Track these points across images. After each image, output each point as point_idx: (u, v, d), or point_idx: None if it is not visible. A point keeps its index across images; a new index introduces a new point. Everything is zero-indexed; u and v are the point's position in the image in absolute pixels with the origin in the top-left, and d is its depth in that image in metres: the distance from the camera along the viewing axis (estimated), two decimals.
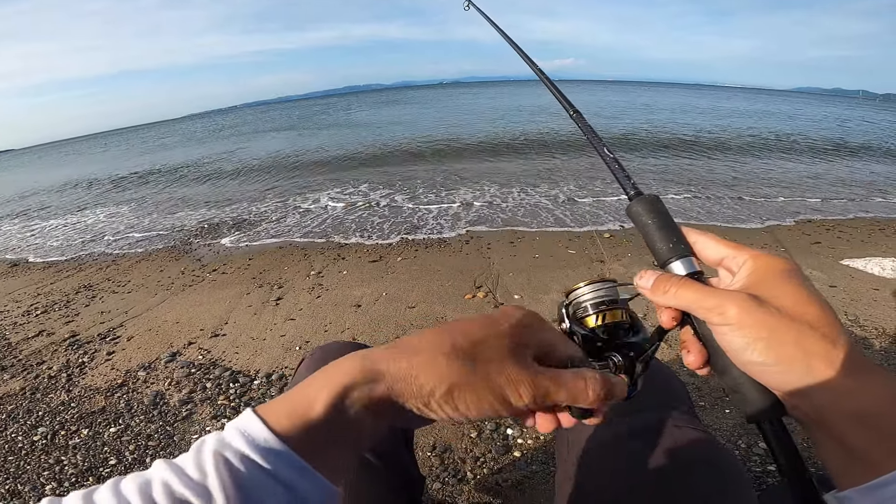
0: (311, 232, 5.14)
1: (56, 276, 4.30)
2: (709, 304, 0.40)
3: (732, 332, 0.39)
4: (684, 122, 16.11)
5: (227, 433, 0.36)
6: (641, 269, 0.48)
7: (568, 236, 4.34)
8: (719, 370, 0.43)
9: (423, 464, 1.70)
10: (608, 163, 0.57)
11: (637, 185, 0.53)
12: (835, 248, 3.89)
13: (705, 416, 1.87)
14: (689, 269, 0.46)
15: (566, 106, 0.68)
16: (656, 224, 0.48)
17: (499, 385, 0.39)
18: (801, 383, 0.36)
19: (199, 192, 8.33)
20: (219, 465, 0.34)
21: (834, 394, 0.35)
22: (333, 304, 3.10)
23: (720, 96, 46.86)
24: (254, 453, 0.35)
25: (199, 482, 0.33)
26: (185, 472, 0.34)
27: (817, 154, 9.88)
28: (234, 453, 0.35)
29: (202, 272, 4.03)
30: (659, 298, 0.45)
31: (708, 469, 0.68)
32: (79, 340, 2.87)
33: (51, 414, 2.14)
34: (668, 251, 0.47)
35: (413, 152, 10.58)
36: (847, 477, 0.35)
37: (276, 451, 0.35)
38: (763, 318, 0.37)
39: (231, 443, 0.35)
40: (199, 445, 0.36)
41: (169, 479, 0.33)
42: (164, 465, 0.35)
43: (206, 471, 0.34)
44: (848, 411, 0.34)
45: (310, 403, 0.37)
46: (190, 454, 0.36)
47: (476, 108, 25.10)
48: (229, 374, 2.32)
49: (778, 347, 0.37)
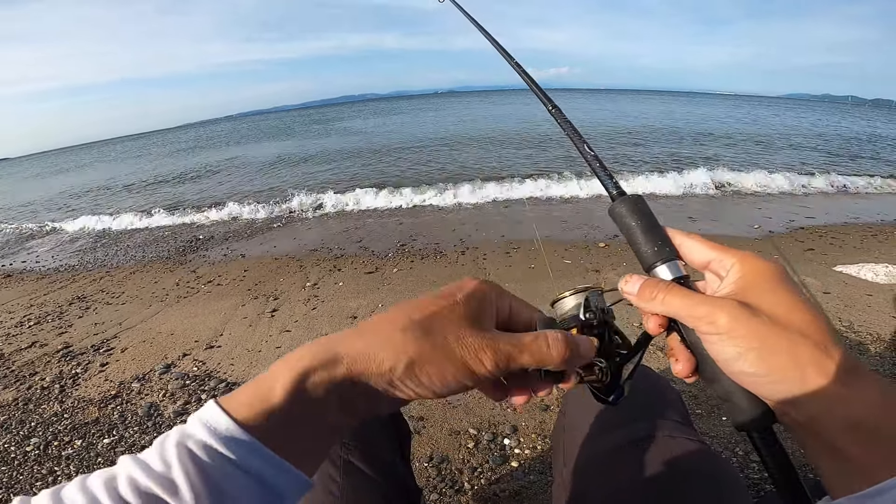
0: (307, 243, 5.12)
1: (49, 287, 4.27)
2: (698, 312, 0.39)
3: (722, 342, 0.38)
4: (678, 126, 16.24)
5: (190, 425, 0.36)
6: (626, 274, 0.46)
7: (564, 246, 4.35)
8: (708, 378, 0.42)
9: (420, 475, 1.69)
10: (589, 161, 0.55)
11: (619, 184, 0.51)
12: (828, 255, 3.91)
13: (702, 424, 1.87)
14: (675, 273, 0.44)
15: (544, 101, 0.66)
16: (640, 226, 0.46)
17: (459, 355, 0.38)
18: (794, 393, 0.35)
19: (194, 202, 8.30)
20: (182, 456, 0.33)
21: (827, 402, 0.34)
22: (329, 315, 3.09)
23: (712, 103, 47.32)
24: (216, 443, 0.34)
25: (163, 474, 0.33)
26: (149, 465, 0.34)
27: (807, 159, 9.97)
28: (196, 444, 0.34)
29: (197, 283, 4.02)
30: (645, 305, 0.44)
31: (704, 479, 0.68)
32: (72, 352, 2.84)
33: (44, 425, 2.12)
34: (653, 254, 0.45)
35: (408, 160, 10.61)
36: (840, 485, 0.34)
37: (238, 440, 0.35)
38: (755, 328, 0.37)
39: (194, 434, 0.35)
40: (163, 439, 0.36)
41: (134, 473, 0.33)
42: (129, 459, 0.35)
43: (170, 462, 0.33)
44: (841, 419, 0.34)
45: (269, 390, 0.37)
46: (153, 448, 0.35)
47: (470, 116, 25.25)
48: (224, 385, 2.31)
49: (770, 357, 0.36)
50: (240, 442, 0.35)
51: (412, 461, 1.75)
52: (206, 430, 0.35)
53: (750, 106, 37.38)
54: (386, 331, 0.39)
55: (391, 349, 0.38)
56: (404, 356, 0.38)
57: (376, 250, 4.61)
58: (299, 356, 0.38)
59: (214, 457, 0.34)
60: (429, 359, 0.38)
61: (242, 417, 0.35)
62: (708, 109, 32.05)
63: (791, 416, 0.37)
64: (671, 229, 0.47)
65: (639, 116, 22.55)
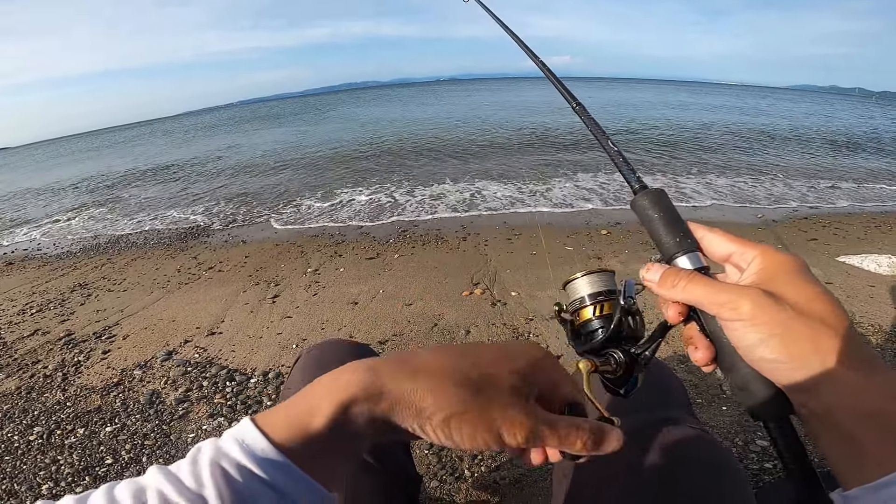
0: (308, 229, 5.12)
1: (51, 275, 4.28)
2: (721, 299, 0.40)
3: (745, 328, 0.38)
4: (680, 118, 16.12)
5: (225, 442, 0.36)
6: (647, 263, 0.46)
7: (566, 232, 4.34)
8: (726, 367, 0.43)
9: (420, 462, 1.70)
10: (612, 156, 0.56)
11: (641, 178, 0.52)
12: (831, 245, 3.90)
13: (703, 414, 1.87)
14: (695, 264, 0.44)
15: (569, 99, 0.67)
16: (662, 218, 0.47)
17: (497, 424, 0.39)
18: (813, 380, 0.36)
19: (195, 190, 8.29)
20: (216, 474, 0.34)
21: (845, 391, 0.35)
22: (330, 301, 3.09)
23: (719, 93, 46.93)
24: (252, 464, 0.34)
25: (195, 492, 0.33)
26: (180, 480, 0.34)
27: (812, 150, 9.89)
28: (231, 463, 0.34)
29: (198, 270, 4.02)
30: (667, 293, 0.44)
31: (705, 467, 0.68)
32: (74, 339, 2.85)
33: (46, 413, 2.13)
34: (674, 245, 0.45)
35: (411, 149, 10.55)
36: (854, 475, 0.34)
37: (273, 461, 0.35)
38: (777, 315, 0.37)
39: (229, 452, 0.35)
40: (196, 454, 0.36)
41: (164, 488, 0.33)
42: (160, 472, 0.35)
43: (203, 481, 0.33)
44: (858, 409, 0.34)
45: (310, 415, 0.37)
46: (186, 463, 0.35)
47: (474, 105, 25.11)
48: (226, 372, 2.32)
49: (792, 344, 0.36)
50: (275, 463, 0.35)
51: (412, 448, 1.76)
52: (242, 450, 0.35)
53: (754, 98, 37.09)
54: (438, 379, 0.39)
55: (437, 400, 0.38)
56: (446, 410, 0.38)
57: (377, 236, 4.60)
58: (346, 383, 0.38)
59: (248, 477, 0.34)
60: (468, 420, 0.38)
61: (279, 438, 0.36)
62: (709, 99, 31.84)
63: (808, 405, 0.37)
64: (692, 223, 0.47)
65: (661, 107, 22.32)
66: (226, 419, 2.00)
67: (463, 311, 2.84)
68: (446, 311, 2.84)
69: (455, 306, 2.90)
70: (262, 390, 2.17)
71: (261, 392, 2.16)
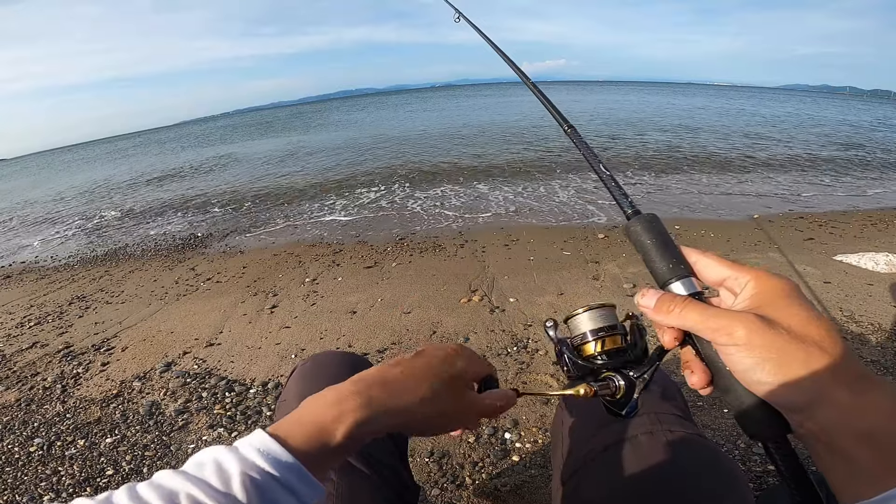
0: (305, 238, 5.12)
1: (49, 288, 4.27)
2: (715, 324, 0.40)
3: (740, 353, 0.39)
4: (676, 120, 16.20)
5: (247, 452, 0.42)
6: (642, 289, 0.47)
7: (563, 238, 4.34)
8: (723, 389, 0.43)
9: (421, 470, 1.70)
10: (604, 180, 0.57)
11: (634, 202, 0.52)
12: (827, 244, 3.91)
13: (703, 416, 1.87)
14: (689, 289, 0.45)
15: (560, 121, 0.67)
16: (655, 244, 0.48)
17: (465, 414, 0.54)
18: (808, 402, 0.36)
19: (192, 201, 8.29)
20: (245, 481, 0.39)
21: (840, 412, 0.35)
22: (329, 311, 3.09)
23: (712, 94, 47.18)
24: (275, 471, 0.41)
25: (225, 493, 0.38)
26: (209, 484, 0.39)
27: (806, 150, 9.94)
28: (257, 471, 0.40)
29: (196, 281, 4.01)
30: (662, 318, 0.45)
31: (702, 473, 0.68)
32: (73, 351, 2.84)
33: (46, 425, 2.12)
34: (668, 271, 0.46)
35: (407, 157, 10.57)
36: (850, 492, 0.35)
37: (293, 469, 0.42)
38: (772, 339, 0.38)
39: (255, 462, 0.41)
40: (219, 463, 0.41)
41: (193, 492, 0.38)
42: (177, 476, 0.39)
43: (233, 486, 0.39)
44: (853, 429, 0.35)
45: (330, 433, 0.45)
46: (210, 470, 0.40)
47: (467, 111, 25.22)
48: (225, 383, 2.31)
49: (787, 367, 0.37)
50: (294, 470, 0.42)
51: (413, 457, 1.76)
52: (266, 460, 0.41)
53: (743, 98, 37.33)
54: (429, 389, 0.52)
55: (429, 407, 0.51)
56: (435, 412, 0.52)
57: (375, 244, 4.61)
58: (367, 399, 0.48)
59: (272, 483, 0.41)
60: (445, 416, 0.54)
61: (300, 451, 0.43)
62: (704, 100, 32.01)
63: (805, 426, 0.38)
64: (686, 247, 0.48)
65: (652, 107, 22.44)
66: (225, 429, 1.99)
67: (462, 318, 2.84)
68: (445, 319, 2.84)
69: (453, 313, 2.90)
70: (261, 401, 2.16)
71: (260, 402, 2.15)
